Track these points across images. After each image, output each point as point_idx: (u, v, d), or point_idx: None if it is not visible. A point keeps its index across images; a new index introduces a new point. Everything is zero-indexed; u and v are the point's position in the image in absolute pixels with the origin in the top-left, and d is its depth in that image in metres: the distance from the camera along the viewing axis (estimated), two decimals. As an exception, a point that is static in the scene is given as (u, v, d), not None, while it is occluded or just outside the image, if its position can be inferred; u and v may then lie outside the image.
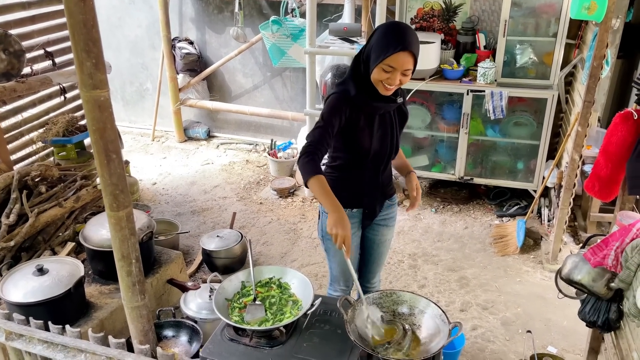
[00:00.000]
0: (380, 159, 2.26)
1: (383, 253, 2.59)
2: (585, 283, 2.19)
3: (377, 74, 2.03)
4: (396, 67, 1.99)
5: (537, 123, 4.00)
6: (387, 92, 2.09)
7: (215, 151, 5.52)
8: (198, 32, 5.35)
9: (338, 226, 1.94)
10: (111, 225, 1.68)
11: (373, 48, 2.05)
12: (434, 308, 2.00)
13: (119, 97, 6.02)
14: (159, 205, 4.46)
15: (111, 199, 1.63)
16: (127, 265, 1.75)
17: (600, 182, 2.17)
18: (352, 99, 2.11)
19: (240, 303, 2.13)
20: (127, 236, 1.70)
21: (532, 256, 3.75)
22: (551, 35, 3.84)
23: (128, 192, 1.67)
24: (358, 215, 2.36)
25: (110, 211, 1.65)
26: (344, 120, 2.12)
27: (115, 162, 1.60)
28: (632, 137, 2.01)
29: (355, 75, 2.14)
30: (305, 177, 2.03)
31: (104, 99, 1.51)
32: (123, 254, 1.72)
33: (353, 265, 2.48)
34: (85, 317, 2.62)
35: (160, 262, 3.10)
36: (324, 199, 2.00)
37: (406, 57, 1.99)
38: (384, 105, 2.16)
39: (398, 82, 2.04)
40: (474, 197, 4.52)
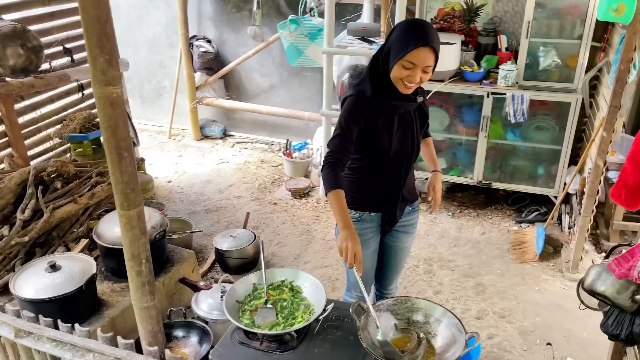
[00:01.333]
0: (401, 160, 2.19)
1: (401, 260, 2.52)
2: (609, 295, 2.10)
3: (397, 71, 1.97)
4: (417, 63, 1.93)
5: (559, 127, 3.90)
6: (407, 90, 2.02)
7: (230, 150, 5.50)
8: (216, 31, 5.34)
9: (348, 241, 1.91)
10: (122, 225, 1.65)
11: (393, 45, 2.00)
12: (450, 317, 1.94)
13: (137, 94, 6.03)
14: (173, 204, 4.45)
15: (122, 197, 1.60)
16: (137, 265, 1.72)
17: (628, 191, 2.09)
18: (369, 100, 2.05)
19: (252, 306, 2.09)
20: (138, 235, 1.67)
21: (551, 264, 3.66)
22: (576, 37, 3.74)
23: (139, 191, 1.64)
24: (377, 220, 2.29)
25: (121, 210, 1.62)
26: (362, 124, 2.07)
27: (127, 161, 1.57)
28: (661, 144, 1.93)
29: (373, 75, 2.09)
30: (326, 189, 2.03)
31: (117, 96, 1.48)
32: (133, 253, 1.70)
33: (370, 271, 2.44)
34: (96, 315, 2.61)
35: (173, 261, 3.08)
36: (337, 214, 1.99)
37: (427, 53, 1.93)
38: (403, 105, 2.10)
39: (418, 79, 1.98)
40: (492, 202, 4.43)
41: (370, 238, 2.31)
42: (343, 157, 2.04)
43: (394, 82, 2.02)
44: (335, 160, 2.02)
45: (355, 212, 2.26)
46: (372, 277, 2.50)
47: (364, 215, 2.27)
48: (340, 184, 2.00)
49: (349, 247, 1.89)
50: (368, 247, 2.32)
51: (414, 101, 2.12)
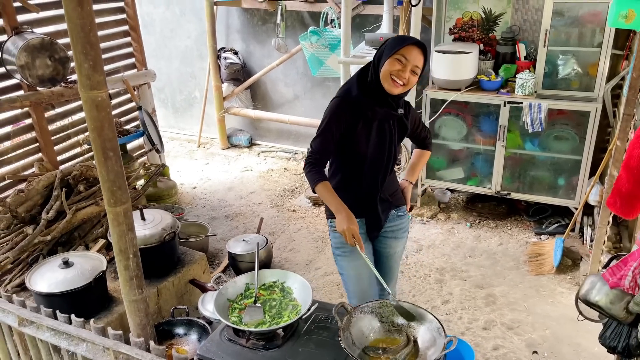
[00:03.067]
0: (378, 167, 2.24)
1: (393, 267, 2.52)
2: (603, 305, 2.06)
3: (390, 64, 2.04)
4: (409, 58, 2.02)
5: (579, 137, 3.81)
6: (394, 88, 2.07)
7: (255, 158, 5.63)
8: (243, 43, 5.51)
9: (344, 222, 2.04)
10: (109, 221, 1.76)
11: (386, 46, 2.10)
12: (432, 320, 1.94)
13: (170, 104, 6.28)
14: (195, 209, 4.60)
15: (109, 194, 1.71)
16: (125, 260, 1.82)
17: (622, 199, 2.03)
18: (353, 101, 2.11)
19: (241, 304, 2.16)
20: (125, 231, 1.78)
21: (568, 277, 3.56)
22: (596, 45, 3.66)
23: (126, 189, 1.75)
24: (362, 226, 2.31)
25: (108, 206, 1.73)
26: (343, 125, 2.12)
27: (112, 160, 1.68)
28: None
29: (361, 79, 2.16)
30: (312, 185, 2.15)
31: (102, 99, 1.59)
32: (121, 248, 1.80)
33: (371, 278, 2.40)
34: (106, 311, 2.75)
35: (184, 262, 3.19)
36: (329, 200, 2.12)
37: (418, 53, 2.05)
38: (384, 112, 2.15)
39: (407, 77, 2.04)
40: (513, 213, 4.35)
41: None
42: (323, 156, 2.15)
43: (383, 80, 2.07)
44: (315, 160, 2.14)
45: None
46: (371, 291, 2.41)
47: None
48: (324, 177, 2.13)
49: (346, 229, 2.04)
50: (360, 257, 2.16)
51: (395, 110, 2.17)
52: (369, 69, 2.16)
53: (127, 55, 4.45)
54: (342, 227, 2.07)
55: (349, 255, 2.32)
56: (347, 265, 2.37)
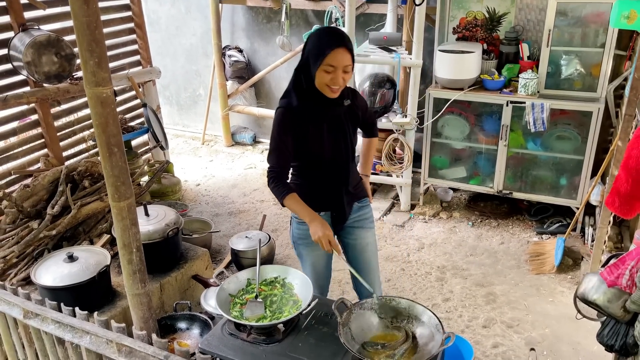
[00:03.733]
0: (337, 164, 2.27)
1: (370, 259, 2.50)
2: (600, 303, 2.07)
3: (320, 77, 2.05)
4: (336, 65, 2.02)
5: (581, 137, 3.82)
6: (334, 94, 2.10)
7: (259, 156, 5.66)
8: (247, 41, 5.54)
9: (319, 231, 2.09)
10: (113, 215, 1.79)
11: (310, 54, 2.09)
12: (430, 316, 1.97)
13: (174, 102, 6.32)
14: (198, 206, 4.63)
15: (113, 190, 1.74)
16: (128, 254, 1.85)
17: (620, 198, 2.05)
18: (296, 110, 2.13)
19: (242, 299, 2.19)
20: (128, 226, 1.81)
21: (569, 276, 3.57)
22: (599, 45, 3.67)
23: (130, 184, 1.78)
24: (326, 219, 2.35)
25: (112, 201, 1.76)
26: (293, 133, 2.15)
27: (117, 156, 1.71)
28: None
29: (297, 86, 2.16)
30: (279, 200, 2.20)
31: (106, 96, 1.62)
32: (124, 242, 1.83)
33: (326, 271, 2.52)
34: (109, 305, 2.78)
35: (187, 258, 3.23)
36: (300, 211, 2.18)
37: (344, 54, 2.04)
38: (330, 110, 2.17)
39: (341, 80, 2.06)
40: (515, 212, 4.36)
41: None
42: (282, 170, 2.20)
43: (320, 89, 2.09)
44: (276, 175, 2.19)
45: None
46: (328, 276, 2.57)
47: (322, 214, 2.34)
48: (290, 189, 2.18)
49: (321, 236, 2.08)
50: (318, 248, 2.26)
51: (341, 105, 2.19)
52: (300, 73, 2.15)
53: (133, 53, 4.48)
54: (317, 235, 2.11)
55: (310, 245, 2.37)
56: (306, 254, 2.45)
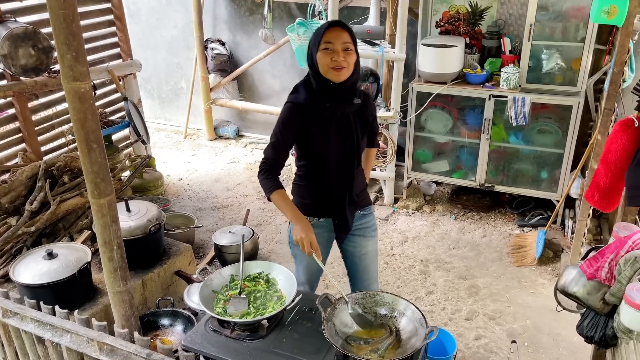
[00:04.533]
0: (343, 165, 2.20)
1: (369, 267, 2.46)
2: (580, 296, 2.10)
3: (322, 57, 2.02)
4: (334, 41, 2.00)
5: (562, 131, 3.86)
6: (339, 75, 2.03)
7: (242, 150, 5.63)
8: (230, 34, 5.48)
9: (302, 232, 2.05)
10: (93, 212, 1.76)
11: (311, 43, 2.09)
12: (413, 310, 1.98)
13: (156, 95, 6.24)
14: (181, 200, 4.59)
15: (92, 186, 1.71)
16: (109, 251, 1.82)
17: (600, 192, 2.08)
18: (303, 105, 2.10)
19: (226, 296, 2.17)
20: (109, 223, 1.78)
21: (550, 268, 3.62)
22: (579, 40, 3.71)
23: (110, 181, 1.75)
24: (327, 226, 2.32)
25: (92, 198, 1.73)
26: (297, 130, 2.12)
27: (96, 152, 1.67)
28: (632, 146, 1.91)
29: (307, 83, 2.15)
30: (266, 194, 2.15)
31: (85, 91, 1.59)
32: (105, 240, 1.80)
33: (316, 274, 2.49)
34: (90, 302, 2.74)
35: (169, 254, 3.20)
36: (285, 210, 2.14)
37: (340, 31, 2.02)
38: (338, 107, 2.11)
39: (342, 58, 2.00)
40: (497, 205, 4.41)
41: (321, 243, 2.27)
42: (276, 164, 2.16)
43: (325, 75, 2.04)
44: (269, 168, 2.15)
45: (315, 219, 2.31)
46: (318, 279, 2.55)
47: (314, 220, 2.30)
48: (279, 186, 2.14)
49: (304, 238, 2.04)
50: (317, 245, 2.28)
51: (350, 102, 2.12)
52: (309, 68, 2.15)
53: (112, 45, 4.40)
54: (299, 235, 2.07)
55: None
56: (302, 255, 2.38)
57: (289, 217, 2.15)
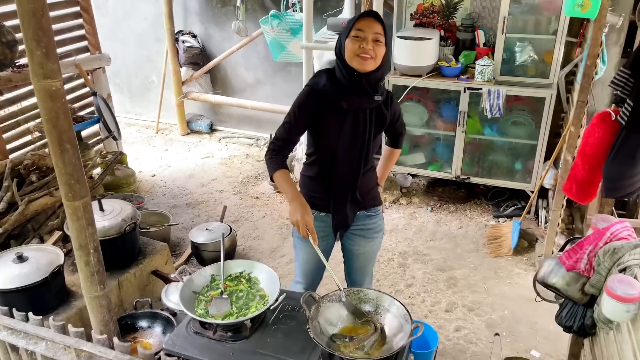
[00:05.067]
0: (350, 162, 2.15)
1: (364, 266, 2.45)
2: (560, 287, 2.14)
3: (350, 43, 1.99)
4: (365, 29, 1.97)
5: (535, 123, 3.92)
6: (364, 65, 1.97)
7: (216, 145, 5.54)
8: (202, 26, 5.37)
9: (297, 213, 2.00)
10: (68, 216, 1.69)
11: (343, 30, 2.06)
12: (398, 307, 1.97)
13: (126, 89, 6.08)
14: (155, 197, 4.49)
15: (66, 188, 1.64)
16: (85, 255, 1.75)
17: (578, 184, 2.11)
18: (322, 90, 2.06)
19: (207, 296, 2.13)
20: (84, 226, 1.71)
21: (525, 258, 3.68)
22: (551, 33, 3.75)
23: (85, 182, 1.68)
24: (327, 220, 2.28)
25: (67, 201, 1.66)
26: (311, 115, 2.09)
27: (69, 152, 1.60)
28: (609, 139, 1.94)
29: (330, 70, 2.11)
30: (270, 172, 2.11)
31: (56, 89, 1.51)
32: (80, 243, 1.73)
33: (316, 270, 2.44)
34: (64, 306, 2.66)
35: (145, 253, 3.12)
36: (285, 189, 2.08)
37: (373, 22, 1.99)
38: (357, 101, 2.05)
39: (371, 48, 1.96)
40: (472, 196, 4.46)
41: (320, 237, 2.25)
42: (286, 145, 2.12)
43: (350, 62, 2.00)
44: (277, 148, 2.12)
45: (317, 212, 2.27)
46: (318, 275, 2.48)
47: (315, 213, 2.25)
48: (284, 165, 2.10)
49: (299, 220, 1.98)
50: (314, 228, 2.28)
51: (370, 97, 2.05)
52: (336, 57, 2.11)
53: (80, 38, 4.25)
54: (295, 217, 2.01)
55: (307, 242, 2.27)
56: (302, 249, 2.37)
57: (287, 196, 2.07)
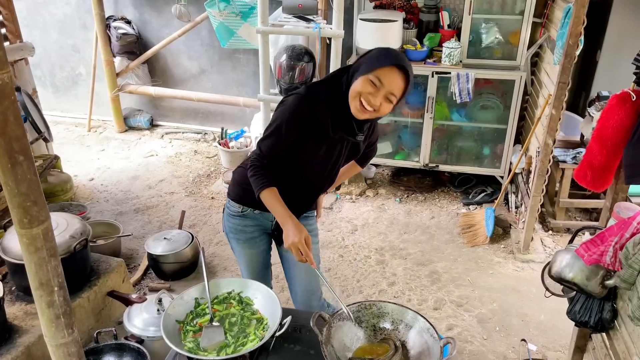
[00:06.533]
0: (314, 184, 2.00)
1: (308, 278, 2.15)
2: (579, 282, 1.99)
3: (361, 84, 1.72)
4: (385, 82, 1.70)
5: (503, 106, 3.83)
6: (360, 113, 1.77)
7: (159, 141, 5.07)
8: (136, 11, 4.85)
9: (294, 236, 1.75)
10: (23, 246, 1.31)
11: (366, 60, 1.77)
12: (421, 322, 1.74)
13: (48, 83, 5.43)
14: (97, 204, 4.00)
15: (21, 213, 1.25)
16: (48, 295, 1.38)
17: (594, 171, 1.97)
18: (318, 105, 1.79)
19: (195, 325, 1.80)
20: (46, 258, 1.34)
21: (502, 246, 3.59)
22: (517, 13, 3.66)
23: (44, 203, 1.30)
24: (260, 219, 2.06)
25: (21, 228, 1.28)
26: (300, 130, 1.81)
27: (23, 166, 1.22)
28: (630, 121, 1.81)
29: (334, 84, 1.83)
30: (256, 191, 1.84)
31: (3, 83, 1.13)
32: (41, 281, 1.35)
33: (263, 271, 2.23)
34: (7, 344, 2.22)
35: (99, 272, 2.71)
36: (275, 210, 1.84)
37: (399, 77, 1.71)
38: (343, 134, 1.86)
39: (379, 103, 1.73)
40: (439, 184, 4.33)
41: (257, 237, 2.10)
42: (273, 161, 1.86)
43: (350, 100, 1.76)
44: (262, 165, 1.85)
45: (238, 207, 2.04)
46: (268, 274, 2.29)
47: (248, 211, 2.04)
48: (271, 183, 1.83)
49: (296, 242, 1.75)
50: (256, 247, 2.14)
51: (353, 137, 1.88)
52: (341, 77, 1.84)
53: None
54: (291, 240, 1.76)
55: (243, 242, 2.11)
56: (241, 252, 2.16)
57: (278, 218, 1.82)
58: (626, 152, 1.87)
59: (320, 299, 2.27)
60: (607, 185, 2.03)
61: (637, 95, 1.81)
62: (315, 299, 2.23)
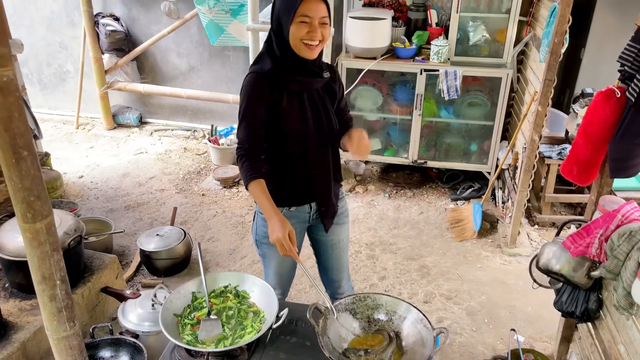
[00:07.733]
0: (322, 144, 1.96)
1: (340, 257, 2.25)
2: (565, 273, 2.06)
3: (296, 31, 1.76)
4: (312, 15, 1.75)
5: (490, 103, 3.90)
6: (311, 52, 1.81)
7: (149, 139, 5.06)
8: (124, 7, 4.84)
9: (278, 231, 1.76)
10: (26, 241, 1.33)
11: (280, 9, 1.81)
12: (415, 313, 1.79)
13: (35, 80, 5.39)
14: (87, 202, 3.99)
15: (24, 207, 1.27)
16: (50, 289, 1.40)
17: (580, 166, 2.04)
18: (269, 74, 1.83)
19: (192, 319, 1.83)
20: (49, 252, 1.36)
21: (489, 240, 3.66)
22: (504, 11, 3.72)
23: (47, 198, 1.32)
24: (299, 215, 2.06)
25: (24, 223, 1.29)
26: (267, 103, 1.84)
27: (27, 161, 1.24)
28: (614, 117, 1.88)
29: (271, 50, 1.87)
30: (245, 183, 1.86)
31: (8, 80, 1.15)
32: (44, 275, 1.38)
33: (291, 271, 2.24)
34: (3, 341, 2.23)
35: (92, 269, 2.72)
36: (261, 203, 1.84)
37: (318, 3, 1.77)
38: (308, 81, 1.89)
39: (319, 34, 1.78)
40: (427, 180, 4.39)
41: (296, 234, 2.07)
42: (255, 144, 1.86)
43: (295, 49, 1.80)
44: (246, 152, 1.85)
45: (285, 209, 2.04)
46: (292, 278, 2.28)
47: (284, 210, 2.03)
48: (258, 173, 1.84)
49: (280, 238, 1.75)
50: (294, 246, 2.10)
51: (320, 76, 1.91)
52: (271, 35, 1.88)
53: (-17, 22, 3.63)
54: (276, 235, 1.76)
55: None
56: (271, 255, 2.14)
57: (263, 212, 1.83)
58: (611, 147, 1.93)
59: (349, 280, 2.37)
60: (592, 179, 2.09)
61: (622, 92, 1.87)
62: (345, 277, 2.33)
